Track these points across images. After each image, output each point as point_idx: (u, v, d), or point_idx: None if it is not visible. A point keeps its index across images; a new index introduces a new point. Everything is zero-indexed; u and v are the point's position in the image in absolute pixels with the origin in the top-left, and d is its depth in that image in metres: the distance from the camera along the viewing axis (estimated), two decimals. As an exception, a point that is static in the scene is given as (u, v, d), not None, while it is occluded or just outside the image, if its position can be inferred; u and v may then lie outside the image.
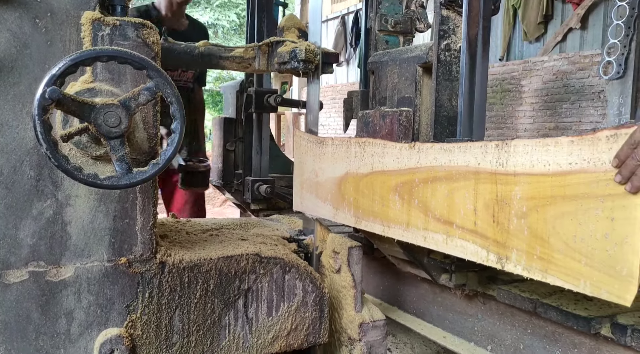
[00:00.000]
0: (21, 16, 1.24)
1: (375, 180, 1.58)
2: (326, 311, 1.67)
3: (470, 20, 1.64)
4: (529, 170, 1.14)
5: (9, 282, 1.27)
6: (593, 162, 1.02)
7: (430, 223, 1.40)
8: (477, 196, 1.26)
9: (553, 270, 1.11)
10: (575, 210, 1.05)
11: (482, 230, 1.25)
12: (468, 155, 1.29)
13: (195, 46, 2.11)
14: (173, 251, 1.49)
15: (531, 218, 1.14)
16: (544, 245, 1.12)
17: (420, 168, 1.42)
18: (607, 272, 1.00)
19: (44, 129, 1.06)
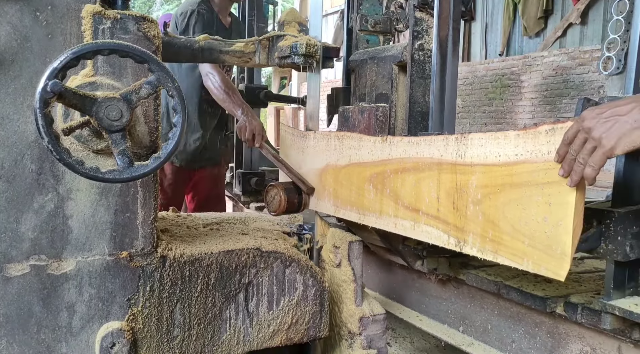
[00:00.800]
0: (22, 9, 1.24)
1: (352, 172, 1.68)
2: (326, 305, 1.67)
3: (441, 22, 1.74)
4: (483, 161, 1.24)
5: (11, 275, 1.27)
6: (535, 154, 1.12)
7: (400, 210, 1.50)
8: (440, 185, 1.37)
9: (502, 250, 1.21)
10: (520, 197, 1.16)
11: (444, 216, 1.36)
12: (432, 148, 1.39)
13: (195, 40, 2.10)
14: (174, 245, 1.49)
15: (485, 205, 1.25)
16: (495, 229, 1.22)
17: (392, 160, 1.53)
18: (546, 251, 1.11)
19: (46, 122, 1.06)
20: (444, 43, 1.75)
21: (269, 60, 2.17)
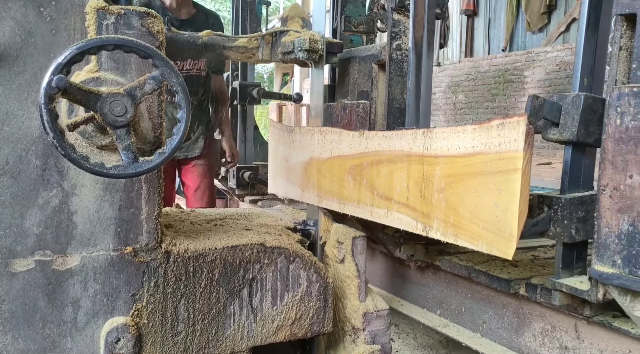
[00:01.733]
0: (26, 4, 1.23)
1: (334, 164, 1.80)
2: (330, 300, 1.68)
3: (416, 24, 1.83)
4: (446, 152, 1.35)
5: (16, 271, 1.27)
6: (488, 145, 1.22)
7: (375, 199, 1.61)
8: (409, 176, 1.48)
9: (462, 234, 1.32)
10: (476, 185, 1.26)
11: (413, 204, 1.47)
12: (403, 141, 1.50)
13: (198, 36, 2.10)
14: (178, 240, 1.50)
15: (447, 193, 1.35)
16: (455, 214, 1.33)
17: (368, 153, 1.63)
18: (497, 233, 1.21)
19: (51, 118, 1.06)
20: (419, 43, 1.84)
21: (272, 55, 2.17)
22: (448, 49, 10.66)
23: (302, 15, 2.22)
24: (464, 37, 10.31)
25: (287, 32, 2.09)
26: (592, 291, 1.39)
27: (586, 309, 1.50)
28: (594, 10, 1.48)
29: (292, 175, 2.08)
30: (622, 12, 1.34)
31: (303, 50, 1.93)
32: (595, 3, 1.47)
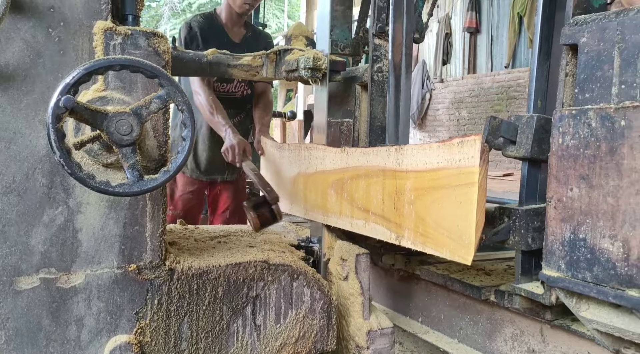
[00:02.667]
0: (35, 26, 1.26)
1: (318, 178, 1.93)
2: (334, 318, 1.67)
3: (395, 49, 1.93)
4: (415, 167, 1.48)
5: (20, 289, 1.28)
6: (450, 161, 1.35)
7: (355, 211, 1.72)
8: (384, 189, 1.59)
9: (429, 242, 1.43)
10: (441, 197, 1.38)
11: (387, 215, 1.57)
12: (378, 157, 1.62)
13: (203, 54, 2.13)
14: (182, 258, 1.50)
15: (416, 204, 1.47)
16: (424, 224, 1.44)
17: (349, 168, 1.76)
18: (458, 241, 1.32)
19: (58, 137, 1.07)
20: (397, 66, 1.94)
21: (277, 73, 2.19)
22: (451, 66, 10.73)
23: (306, 34, 2.25)
24: (467, 54, 10.37)
25: (291, 50, 2.11)
26: (546, 295, 1.50)
27: (547, 314, 1.59)
28: (546, 40, 1.61)
29: (281, 189, 2.21)
30: (566, 42, 1.47)
31: (307, 69, 1.95)
32: (546, 34, 1.61)
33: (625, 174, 1.23)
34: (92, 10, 1.30)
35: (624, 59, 1.33)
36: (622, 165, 1.24)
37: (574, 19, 1.47)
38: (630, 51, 1.31)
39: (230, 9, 2.96)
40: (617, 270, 1.26)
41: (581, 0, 1.49)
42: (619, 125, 1.25)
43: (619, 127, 1.25)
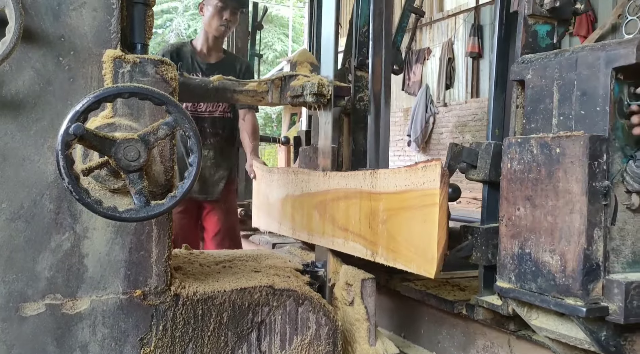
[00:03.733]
0: (45, 54, 1.28)
1: (304, 200, 2.08)
2: (339, 344, 1.65)
3: (374, 80, 2.04)
4: (386, 190, 1.61)
5: (26, 315, 1.27)
6: (416, 184, 1.49)
7: (336, 231, 1.84)
8: (361, 210, 1.72)
9: (399, 258, 1.55)
10: (409, 217, 1.51)
11: (364, 234, 1.70)
12: (356, 180, 1.76)
13: (209, 80, 2.16)
14: (187, 283, 1.50)
15: (388, 224, 1.59)
16: (394, 242, 1.57)
17: (330, 191, 1.90)
18: (423, 257, 1.45)
19: (67, 164, 1.08)
20: (377, 96, 2.05)
21: (282, 99, 2.21)
22: (454, 90, 10.80)
23: (310, 60, 2.28)
24: (470, 78, 10.45)
25: (296, 76, 2.14)
26: (504, 306, 1.62)
27: (511, 325, 1.70)
28: (501, 75, 1.77)
29: (271, 210, 2.38)
30: (515, 78, 1.63)
31: (312, 94, 1.97)
32: (501, 70, 1.77)
33: (560, 195, 1.38)
34: (101, 39, 1.33)
35: (561, 93, 1.48)
36: (558, 187, 1.38)
37: (522, 58, 1.62)
38: (567, 87, 1.46)
39: (206, 35, 3.13)
40: (556, 280, 1.38)
41: (529, 41, 1.65)
42: (555, 152, 1.39)
43: (555, 154, 1.40)
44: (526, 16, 1.64)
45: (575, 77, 1.44)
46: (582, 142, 1.33)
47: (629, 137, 1.37)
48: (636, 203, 1.36)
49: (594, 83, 1.39)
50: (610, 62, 1.35)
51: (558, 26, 1.71)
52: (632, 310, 1.28)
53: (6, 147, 1.25)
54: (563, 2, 1.62)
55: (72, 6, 1.30)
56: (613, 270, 1.35)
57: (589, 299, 1.31)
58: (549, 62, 1.53)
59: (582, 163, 1.32)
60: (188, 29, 22.07)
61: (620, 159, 1.37)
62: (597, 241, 1.33)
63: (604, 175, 1.33)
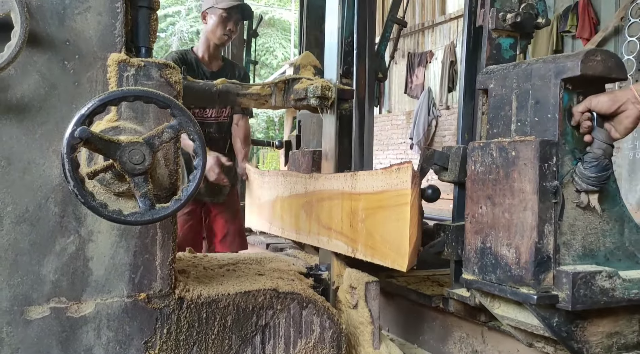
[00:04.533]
0: (50, 59, 1.29)
1: (292, 201, 2.23)
2: (344, 348, 1.65)
3: (359, 88, 2.14)
4: (365, 190, 1.73)
5: (31, 318, 1.28)
6: (390, 185, 1.61)
7: (321, 229, 1.98)
8: (343, 209, 1.84)
9: (376, 254, 1.67)
10: (384, 215, 1.62)
11: (346, 232, 1.82)
12: (338, 182, 1.89)
13: (213, 84, 2.16)
14: (191, 286, 1.50)
15: (367, 222, 1.71)
16: (372, 239, 1.68)
17: (315, 192, 2.04)
18: (397, 252, 1.56)
19: (72, 167, 1.09)
20: (362, 102, 2.14)
21: (285, 102, 2.22)
22: (457, 93, 10.79)
23: (314, 64, 2.28)
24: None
25: (299, 79, 2.14)
26: (471, 297, 1.73)
27: (482, 316, 1.82)
28: (470, 84, 1.88)
29: (263, 212, 2.54)
30: (480, 87, 1.77)
31: (315, 97, 1.98)
32: (470, 79, 1.89)
33: (516, 194, 1.51)
34: (106, 43, 1.34)
35: (519, 102, 1.61)
36: (514, 187, 1.52)
37: (486, 69, 1.76)
38: (523, 96, 1.59)
39: (208, 43, 3.17)
40: (512, 271, 1.51)
41: (493, 53, 1.79)
42: (511, 155, 1.53)
43: (511, 157, 1.53)
44: (490, 30, 1.77)
45: (530, 87, 1.56)
46: (533, 146, 1.45)
47: (578, 141, 1.49)
48: (585, 201, 1.48)
49: (545, 93, 1.51)
50: (559, 73, 1.48)
51: (521, 39, 1.84)
52: (579, 298, 1.40)
53: (11, 151, 1.26)
54: (524, 17, 1.76)
55: (77, 10, 1.31)
56: (564, 261, 1.47)
57: (540, 288, 1.43)
58: (508, 73, 1.65)
59: (534, 165, 1.45)
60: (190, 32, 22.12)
61: (570, 161, 1.49)
62: (548, 236, 1.45)
63: (554, 175, 1.45)
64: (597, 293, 1.42)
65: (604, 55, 1.47)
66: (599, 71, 1.45)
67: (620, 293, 1.45)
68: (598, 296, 1.42)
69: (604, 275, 1.43)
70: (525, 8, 1.79)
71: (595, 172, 1.45)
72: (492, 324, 1.80)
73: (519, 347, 1.73)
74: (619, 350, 1.54)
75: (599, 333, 1.52)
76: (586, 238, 1.51)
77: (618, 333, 1.54)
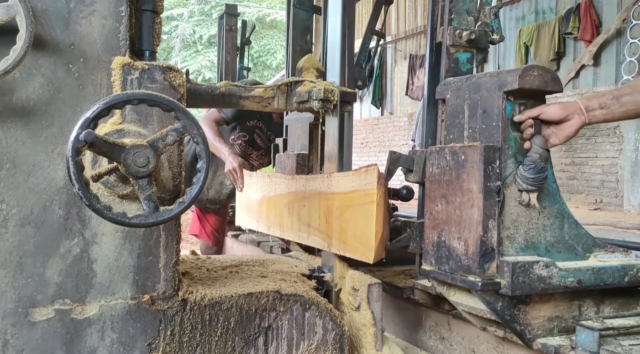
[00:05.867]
0: (55, 62, 1.30)
1: (277, 201, 2.39)
2: (346, 349, 1.66)
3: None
4: (338, 190, 1.88)
5: (36, 320, 1.28)
6: (360, 185, 1.76)
7: (302, 226, 2.12)
8: (320, 208, 1.99)
9: (348, 248, 1.82)
10: (355, 213, 1.78)
11: (322, 228, 1.96)
12: (316, 183, 2.04)
13: (216, 86, 2.17)
14: (194, 288, 1.50)
15: (340, 219, 1.86)
16: (344, 234, 1.83)
17: (297, 192, 2.19)
18: (365, 246, 1.71)
19: (77, 170, 1.09)
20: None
21: (288, 105, 2.22)
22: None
23: (316, 66, 2.28)
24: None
25: (302, 82, 2.15)
26: (432, 287, 1.90)
27: (446, 305, 1.97)
28: (432, 93, 2.02)
29: (251, 211, 2.71)
30: (439, 97, 1.94)
31: (318, 100, 1.97)
32: (432, 89, 2.02)
33: (465, 193, 1.67)
34: (110, 46, 1.35)
35: (470, 111, 1.77)
36: (463, 187, 1.67)
37: (444, 81, 1.93)
38: (474, 106, 1.75)
39: None
40: (461, 261, 1.66)
41: (451, 66, 1.95)
42: (461, 159, 1.69)
43: (461, 160, 1.69)
44: (448, 46, 1.94)
45: (479, 98, 1.73)
46: (479, 150, 1.62)
47: (520, 147, 1.66)
48: (526, 199, 1.64)
49: (491, 103, 1.68)
50: (502, 86, 1.65)
51: (477, 53, 2.02)
52: (518, 285, 1.57)
53: (16, 154, 1.27)
54: (479, 34, 1.95)
55: (82, 14, 1.32)
56: (507, 253, 1.64)
57: (485, 276, 1.59)
58: (462, 85, 1.82)
59: (479, 168, 1.61)
60: (193, 35, 22.17)
61: (513, 164, 1.66)
62: (492, 230, 1.61)
63: (497, 176, 1.62)
64: (534, 281, 1.58)
65: (540, 70, 1.63)
66: (535, 85, 1.62)
67: (557, 280, 1.61)
68: (536, 283, 1.58)
69: (542, 264, 1.59)
70: (481, 26, 1.98)
71: (533, 174, 1.61)
72: (455, 312, 1.95)
73: (479, 333, 1.91)
74: (559, 332, 1.70)
75: (541, 317, 1.68)
76: (528, 232, 1.67)
77: (559, 317, 1.70)
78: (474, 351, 1.96)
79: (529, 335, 1.66)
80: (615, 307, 1.78)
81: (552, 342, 1.63)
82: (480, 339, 1.93)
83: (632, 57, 6.72)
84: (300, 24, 3.35)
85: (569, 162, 8.02)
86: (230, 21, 5.40)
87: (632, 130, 6.78)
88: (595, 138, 7.66)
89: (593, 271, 1.66)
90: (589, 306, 1.75)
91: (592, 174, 7.70)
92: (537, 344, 1.64)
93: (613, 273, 1.69)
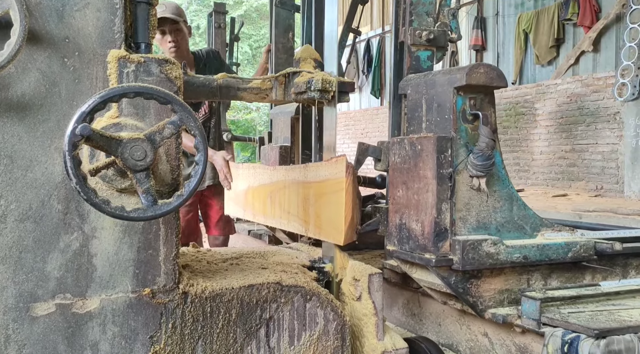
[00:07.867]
0: (50, 56, 1.29)
1: (261, 190, 2.53)
2: (348, 339, 1.66)
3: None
4: (314, 179, 2.00)
5: (37, 315, 1.29)
6: (332, 174, 1.87)
7: (283, 214, 2.26)
8: (298, 196, 2.12)
9: (322, 232, 1.94)
10: (327, 200, 1.90)
11: (300, 215, 2.10)
12: (294, 173, 2.18)
13: (213, 78, 2.16)
14: (195, 281, 1.50)
15: (315, 206, 1.98)
16: (319, 220, 1.96)
17: (278, 182, 2.34)
18: (336, 230, 1.82)
19: (74, 164, 1.09)
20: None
21: (286, 95, 2.21)
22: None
23: (314, 57, 2.27)
24: (474, 70, 10.41)
25: (300, 72, 2.14)
26: (398, 267, 2.09)
27: (413, 283, 2.14)
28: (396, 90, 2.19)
29: (238, 200, 2.85)
30: (401, 92, 2.13)
31: (316, 90, 1.96)
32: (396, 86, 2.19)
33: (421, 180, 1.83)
34: (106, 39, 1.34)
35: (427, 105, 1.95)
36: (420, 174, 1.84)
37: (406, 78, 2.12)
38: (430, 100, 1.93)
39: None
40: (419, 241, 1.83)
41: (413, 64, 2.14)
42: (418, 149, 1.85)
43: (418, 150, 1.85)
44: (409, 45, 2.12)
45: (434, 93, 1.90)
46: (432, 140, 1.78)
47: (471, 137, 1.82)
48: (476, 184, 1.80)
49: (444, 98, 1.85)
50: (452, 83, 1.81)
51: (437, 51, 2.19)
52: (467, 260, 1.73)
53: (14, 149, 1.26)
54: (437, 34, 2.13)
55: (76, 7, 1.31)
56: (460, 233, 1.80)
57: (439, 254, 1.75)
58: (420, 81, 1.99)
59: (433, 156, 1.77)
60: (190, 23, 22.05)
61: (464, 152, 1.80)
62: (445, 212, 1.77)
63: (449, 164, 1.77)
64: (483, 257, 1.74)
65: (486, 68, 1.80)
66: (482, 81, 1.78)
67: (504, 256, 1.77)
68: (484, 259, 1.75)
69: (490, 242, 1.75)
70: (440, 26, 2.15)
71: (481, 161, 1.77)
72: (422, 290, 2.10)
73: (444, 308, 2.10)
74: (509, 304, 1.86)
75: (492, 290, 1.84)
76: (480, 214, 1.84)
77: (508, 289, 1.87)
78: (440, 324, 2.17)
79: (481, 306, 1.82)
80: (562, 280, 1.95)
81: (501, 312, 1.80)
82: (445, 314, 2.12)
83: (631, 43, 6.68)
84: (282, 22, 3.51)
85: (569, 149, 8.00)
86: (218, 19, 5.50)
87: (632, 116, 6.76)
88: (595, 124, 7.64)
89: (538, 247, 1.83)
90: (537, 280, 1.91)
91: (592, 161, 7.69)
92: (488, 314, 1.81)
93: (557, 249, 1.86)
